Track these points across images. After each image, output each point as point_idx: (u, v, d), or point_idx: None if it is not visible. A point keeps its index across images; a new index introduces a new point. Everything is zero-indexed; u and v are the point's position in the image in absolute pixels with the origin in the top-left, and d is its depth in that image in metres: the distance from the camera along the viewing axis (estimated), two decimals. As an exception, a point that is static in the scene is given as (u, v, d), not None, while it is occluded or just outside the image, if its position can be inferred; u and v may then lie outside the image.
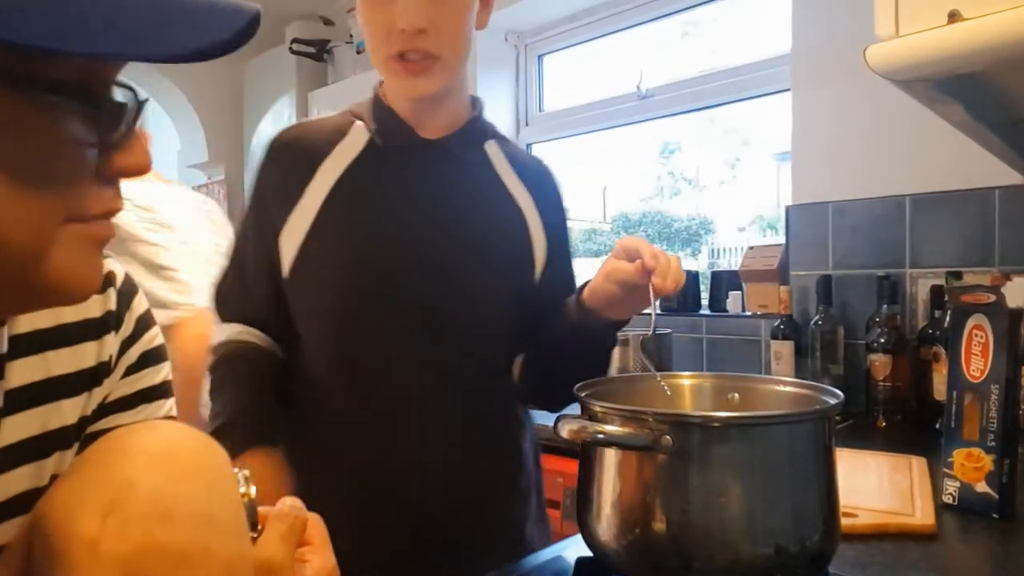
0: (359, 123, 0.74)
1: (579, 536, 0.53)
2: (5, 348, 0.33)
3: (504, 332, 0.73)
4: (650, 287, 0.61)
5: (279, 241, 0.71)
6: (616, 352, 1.44)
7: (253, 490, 0.30)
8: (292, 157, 0.72)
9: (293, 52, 2.23)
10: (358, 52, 2.12)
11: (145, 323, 0.40)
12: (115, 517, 0.25)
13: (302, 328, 0.72)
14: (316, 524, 0.33)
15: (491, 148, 0.77)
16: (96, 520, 0.24)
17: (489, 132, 0.77)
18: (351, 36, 2.15)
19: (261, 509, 0.31)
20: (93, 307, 0.37)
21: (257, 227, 0.73)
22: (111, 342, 0.37)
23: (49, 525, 0.25)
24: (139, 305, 0.40)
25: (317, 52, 2.25)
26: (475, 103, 0.77)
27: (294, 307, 0.72)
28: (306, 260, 0.70)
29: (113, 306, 0.38)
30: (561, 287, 0.77)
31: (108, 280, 0.38)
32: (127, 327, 0.39)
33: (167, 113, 2.56)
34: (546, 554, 0.60)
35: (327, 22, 2.34)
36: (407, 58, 0.67)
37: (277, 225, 0.71)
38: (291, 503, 0.32)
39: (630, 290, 0.64)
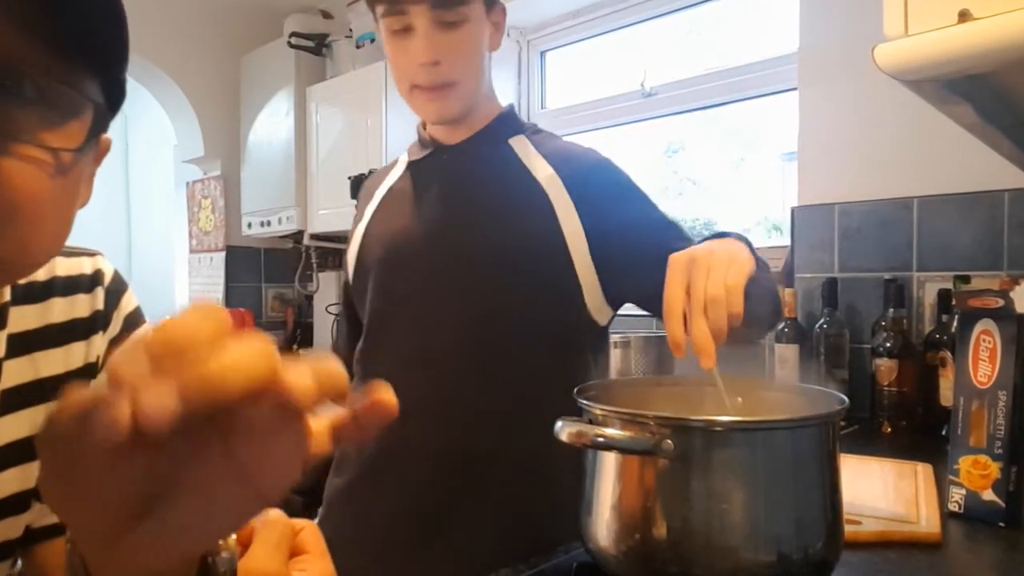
0: (406, 152, 0.85)
1: (578, 541, 0.52)
2: (8, 298, 0.32)
3: (529, 306, 0.73)
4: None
5: (346, 263, 0.85)
6: (617, 355, 1.44)
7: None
8: (363, 193, 0.88)
9: (291, 46, 2.20)
10: (357, 47, 2.11)
11: (134, 321, 0.40)
12: None
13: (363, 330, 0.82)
14: (312, 532, 0.32)
15: (517, 141, 0.80)
16: None
17: (514, 128, 0.80)
18: (350, 30, 2.13)
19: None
20: (81, 307, 0.36)
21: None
22: (99, 342, 0.37)
23: None
24: (128, 303, 0.39)
25: (316, 46, 2.23)
26: (505, 108, 0.82)
27: (359, 314, 0.83)
28: (358, 272, 0.81)
29: (101, 305, 0.37)
30: (651, 238, 0.72)
31: (96, 279, 0.38)
32: (115, 326, 0.38)
33: (162, 107, 2.54)
34: (546, 559, 0.59)
35: (326, 16, 2.32)
36: (424, 88, 0.75)
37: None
38: (276, 513, 0.31)
39: None
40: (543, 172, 0.76)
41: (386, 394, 0.22)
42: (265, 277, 2.62)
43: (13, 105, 0.25)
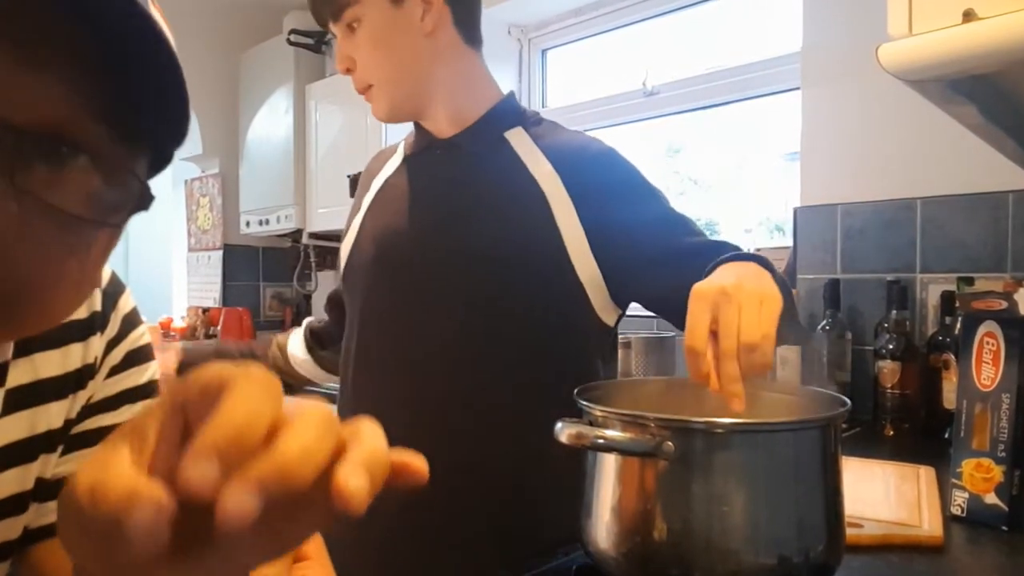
0: (403, 142, 0.84)
1: (578, 544, 0.52)
2: (10, 355, 0.32)
3: (526, 308, 0.72)
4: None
5: (340, 254, 0.83)
6: (619, 356, 1.43)
7: None
8: (364, 178, 0.86)
9: (291, 43, 2.20)
10: (357, 44, 2.10)
11: (131, 323, 0.39)
12: None
13: (348, 326, 0.81)
14: (313, 537, 0.32)
15: (515, 136, 0.76)
16: None
17: (512, 120, 0.77)
18: (350, 27, 2.13)
19: None
20: (79, 308, 0.36)
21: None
22: (96, 343, 0.37)
23: None
24: (125, 304, 0.39)
25: (315, 44, 2.22)
26: (503, 97, 0.80)
27: (348, 309, 0.82)
28: (348, 269, 0.80)
29: (99, 306, 0.37)
30: (657, 236, 0.70)
31: None
32: (112, 327, 0.38)
33: None
34: (545, 561, 0.59)
35: (326, 13, 2.33)
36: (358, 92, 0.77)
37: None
38: None
39: None
40: (541, 169, 0.73)
41: (419, 462, 0.22)
42: (263, 276, 2.62)
43: (65, 176, 0.24)
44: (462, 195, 0.74)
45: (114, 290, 0.39)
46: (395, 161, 0.83)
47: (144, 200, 0.28)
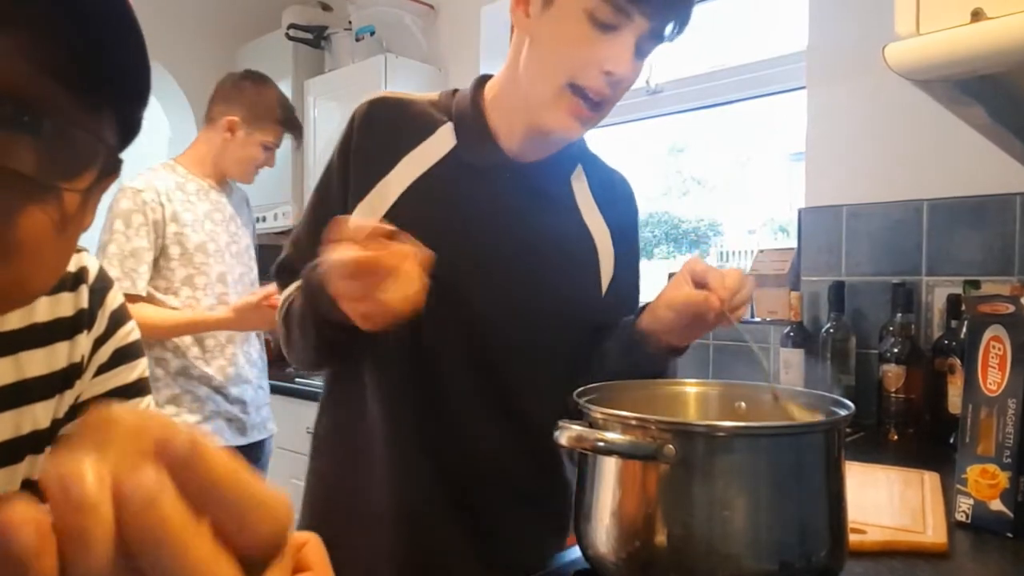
0: (449, 125, 0.70)
1: (577, 547, 0.52)
2: None
3: (561, 359, 0.71)
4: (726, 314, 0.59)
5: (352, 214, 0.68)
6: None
7: None
8: (381, 135, 0.69)
9: (289, 38, 2.18)
10: (357, 40, 2.09)
11: (119, 319, 0.39)
12: None
13: None
14: (315, 547, 0.31)
15: (577, 180, 0.75)
16: None
17: (576, 156, 0.75)
18: (350, 23, 2.12)
19: None
20: (65, 305, 0.36)
21: (341, 195, 0.70)
22: (83, 342, 0.36)
23: None
24: (113, 300, 0.39)
25: (314, 38, 2.20)
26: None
27: None
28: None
29: (85, 304, 0.37)
30: (623, 302, 0.74)
31: (80, 276, 0.37)
32: (100, 324, 0.38)
33: (156, 99, 2.51)
34: (544, 565, 0.59)
35: (325, 7, 2.30)
36: (585, 97, 0.63)
37: (352, 202, 0.68)
38: None
39: (691, 319, 0.61)
40: (594, 221, 0.74)
41: None
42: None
43: (26, 142, 0.25)
44: (531, 225, 0.70)
45: (101, 286, 0.38)
46: (439, 149, 0.70)
47: (110, 165, 0.27)
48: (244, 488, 0.16)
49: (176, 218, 1.36)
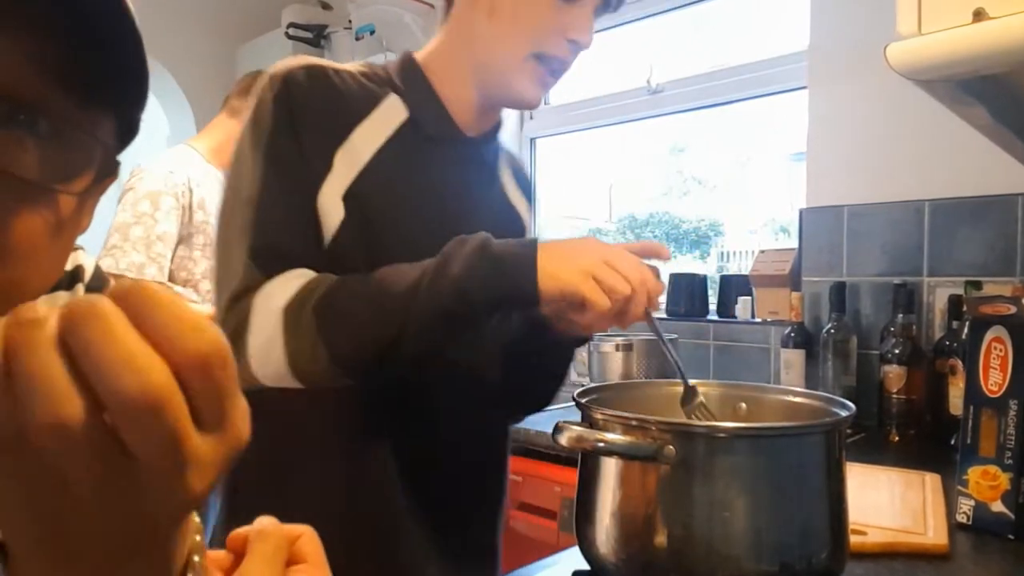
0: (395, 98, 0.67)
1: (577, 548, 0.52)
2: None
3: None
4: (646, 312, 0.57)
5: (317, 201, 0.62)
6: (620, 358, 1.42)
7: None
8: (324, 102, 0.64)
9: (289, 37, 2.17)
10: (356, 39, 2.09)
11: None
12: None
13: None
14: (310, 539, 0.30)
15: (505, 155, 0.78)
16: None
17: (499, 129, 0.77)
18: (349, 22, 2.11)
19: (241, 529, 0.29)
20: (60, 300, 0.36)
21: (301, 162, 0.62)
22: None
23: None
24: None
25: (314, 38, 2.19)
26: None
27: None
28: (341, 240, 0.62)
29: None
30: None
31: (76, 275, 0.37)
32: None
33: (155, 96, 2.51)
34: (542, 566, 0.59)
35: (325, 6, 2.30)
36: (550, 65, 0.64)
37: (317, 169, 0.62)
38: (269, 521, 0.29)
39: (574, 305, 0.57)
40: (518, 201, 0.77)
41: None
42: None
43: (22, 142, 0.24)
44: (479, 201, 0.71)
45: (97, 285, 0.38)
46: (386, 125, 0.67)
47: (108, 167, 0.27)
48: (177, 309, 0.17)
49: (203, 205, 1.28)
